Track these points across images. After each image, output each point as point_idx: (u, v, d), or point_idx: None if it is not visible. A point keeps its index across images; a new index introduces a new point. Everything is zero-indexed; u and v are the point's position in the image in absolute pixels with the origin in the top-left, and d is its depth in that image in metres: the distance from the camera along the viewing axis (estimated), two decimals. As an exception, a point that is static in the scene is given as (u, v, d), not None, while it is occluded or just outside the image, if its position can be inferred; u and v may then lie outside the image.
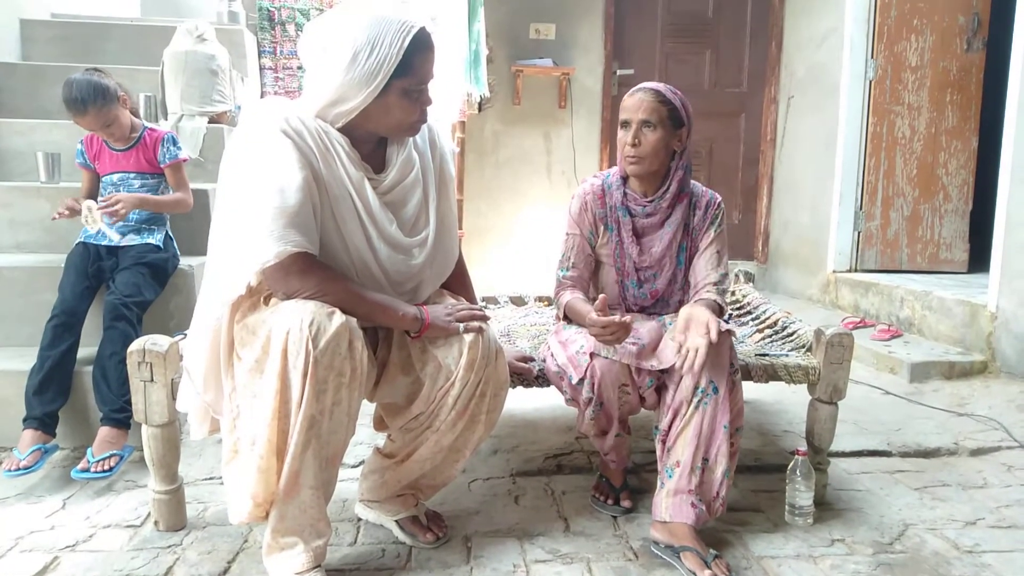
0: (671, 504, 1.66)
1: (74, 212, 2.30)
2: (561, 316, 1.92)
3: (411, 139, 1.62)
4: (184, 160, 2.50)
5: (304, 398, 1.36)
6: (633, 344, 1.67)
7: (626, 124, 1.80)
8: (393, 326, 1.58)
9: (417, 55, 1.45)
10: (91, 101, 2.26)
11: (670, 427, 1.70)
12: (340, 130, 1.50)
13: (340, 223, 1.50)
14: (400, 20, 1.42)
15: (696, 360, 1.59)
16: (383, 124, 1.51)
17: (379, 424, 1.74)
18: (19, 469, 1.96)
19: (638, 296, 1.91)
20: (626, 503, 1.88)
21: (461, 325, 1.55)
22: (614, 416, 1.75)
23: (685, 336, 1.64)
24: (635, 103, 1.79)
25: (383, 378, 1.62)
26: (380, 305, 1.51)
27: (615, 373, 1.68)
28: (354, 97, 1.44)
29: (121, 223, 2.38)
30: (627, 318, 1.60)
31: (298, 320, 1.35)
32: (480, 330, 1.56)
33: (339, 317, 1.39)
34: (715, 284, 1.83)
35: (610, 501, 1.89)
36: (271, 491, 1.43)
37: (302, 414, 1.37)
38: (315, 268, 1.44)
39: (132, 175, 2.43)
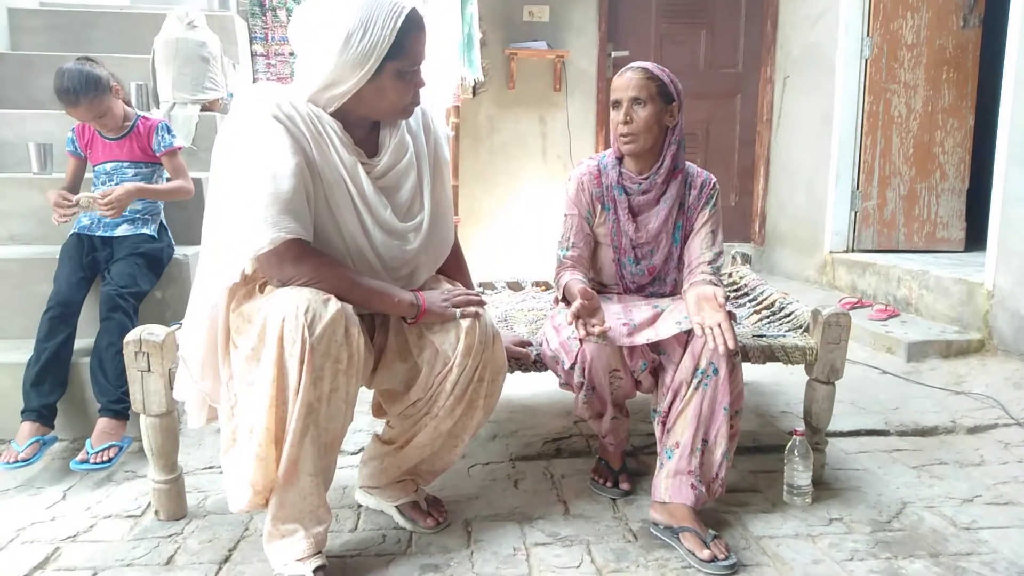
0: (671, 485, 1.66)
1: (70, 207, 2.27)
2: (560, 297, 1.92)
3: (404, 123, 1.60)
4: (179, 148, 2.48)
5: (301, 385, 1.35)
6: (624, 325, 1.67)
7: (617, 104, 1.81)
8: (389, 312, 1.57)
9: (410, 36, 1.44)
10: (83, 92, 2.23)
11: (670, 408, 1.71)
12: (333, 115, 1.48)
13: (334, 208, 1.49)
14: (391, 1, 1.41)
15: (727, 335, 1.58)
16: (377, 107, 1.50)
17: (378, 411, 1.74)
18: (17, 461, 1.96)
19: (635, 273, 1.91)
20: (625, 485, 1.89)
21: (458, 311, 1.55)
22: (607, 400, 1.76)
23: (701, 316, 1.64)
24: (624, 82, 1.80)
25: (380, 364, 1.61)
26: (376, 291, 1.51)
27: (606, 358, 1.68)
28: (347, 80, 1.43)
29: (116, 213, 2.36)
30: (607, 327, 1.61)
31: (293, 307, 1.35)
32: (477, 315, 1.55)
33: (335, 304, 1.39)
34: (709, 263, 1.83)
35: (609, 484, 1.90)
36: (270, 479, 1.43)
37: (299, 401, 1.36)
38: (309, 254, 1.43)
39: (126, 164, 2.41)
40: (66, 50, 3.60)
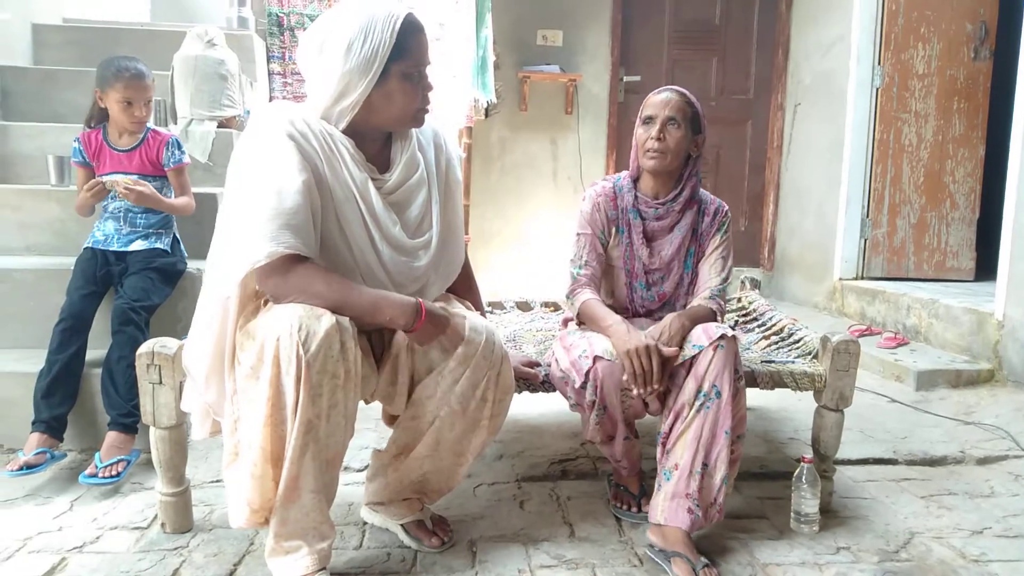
0: (667, 508, 1.65)
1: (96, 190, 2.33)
2: (576, 316, 1.92)
3: (415, 140, 1.62)
4: (187, 163, 2.51)
5: (299, 403, 1.35)
6: None
7: (650, 120, 1.85)
8: (389, 321, 1.55)
9: (411, 37, 1.48)
10: (148, 75, 2.37)
11: (671, 429, 1.70)
12: (345, 131, 1.51)
13: (344, 224, 1.50)
14: (386, 8, 1.46)
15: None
16: (387, 115, 1.52)
17: (390, 421, 1.75)
18: (23, 468, 1.96)
19: (646, 298, 1.93)
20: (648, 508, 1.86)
21: (457, 318, 1.55)
22: (618, 419, 1.75)
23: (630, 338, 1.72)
24: (662, 101, 1.84)
25: (383, 380, 1.62)
26: (372, 302, 1.46)
27: (617, 376, 1.69)
28: (355, 89, 1.45)
29: (129, 230, 2.38)
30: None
31: (287, 325, 1.35)
32: (466, 340, 1.55)
33: (328, 319, 1.38)
34: (715, 287, 1.88)
35: (633, 509, 1.87)
36: (267, 498, 1.44)
37: (298, 419, 1.36)
38: (306, 270, 1.43)
39: (135, 177, 2.44)
40: (88, 65, 3.64)
